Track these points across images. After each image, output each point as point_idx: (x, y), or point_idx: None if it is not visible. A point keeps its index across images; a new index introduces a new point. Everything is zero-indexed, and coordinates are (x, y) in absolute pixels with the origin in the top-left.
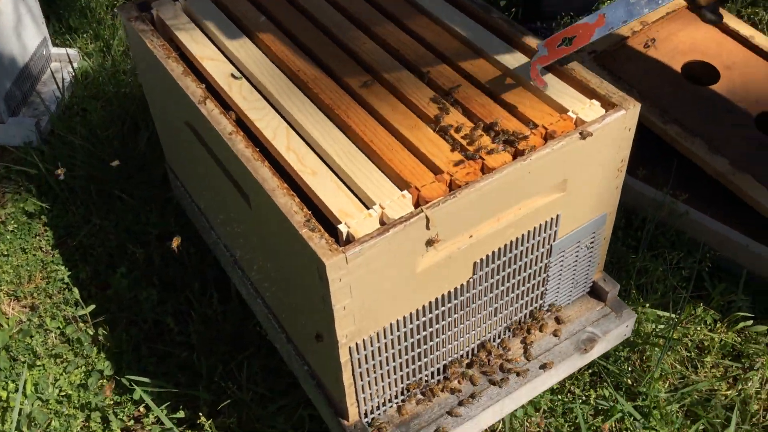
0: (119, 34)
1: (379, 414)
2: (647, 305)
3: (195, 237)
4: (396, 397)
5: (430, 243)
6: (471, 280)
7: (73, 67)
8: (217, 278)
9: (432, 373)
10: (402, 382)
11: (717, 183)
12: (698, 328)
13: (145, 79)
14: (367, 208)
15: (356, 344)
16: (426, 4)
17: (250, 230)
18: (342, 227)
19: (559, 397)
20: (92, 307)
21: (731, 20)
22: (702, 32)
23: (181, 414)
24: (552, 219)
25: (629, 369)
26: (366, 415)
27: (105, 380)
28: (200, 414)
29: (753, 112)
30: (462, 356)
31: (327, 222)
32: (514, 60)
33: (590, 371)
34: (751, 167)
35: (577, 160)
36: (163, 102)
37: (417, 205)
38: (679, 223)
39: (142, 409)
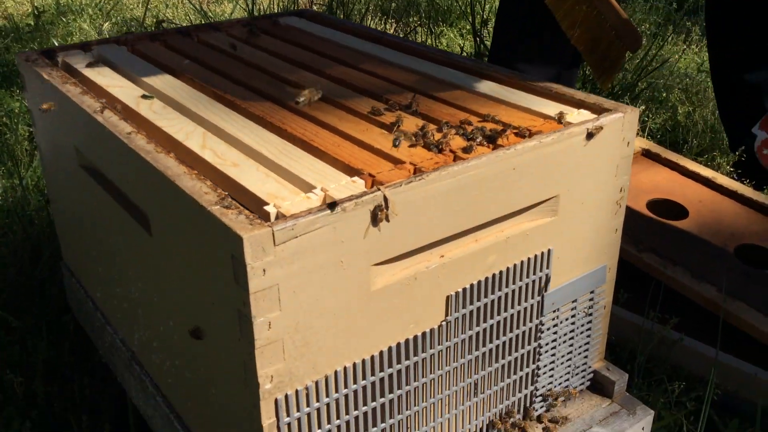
0: (34, 166)
1: None
2: None
3: (88, 370)
4: None
5: (377, 215)
6: (444, 323)
7: None
8: (112, 413)
9: None
10: None
11: (703, 311)
12: None
13: (41, 130)
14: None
15: (286, 397)
16: (378, 51)
17: (151, 274)
18: (269, 208)
19: None
20: None
21: (689, 164)
22: (663, 175)
23: None
24: (543, 254)
25: None
26: None
27: None
28: None
29: (731, 245)
30: None
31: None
32: (483, 85)
33: None
34: (740, 294)
35: (570, 171)
36: (58, 148)
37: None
38: (672, 354)
39: None
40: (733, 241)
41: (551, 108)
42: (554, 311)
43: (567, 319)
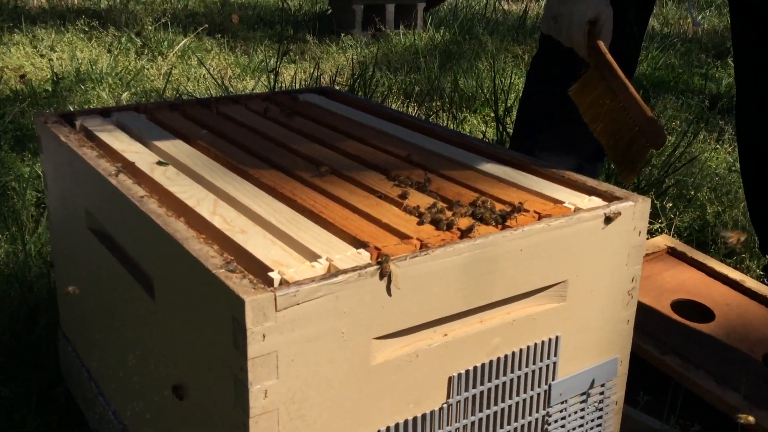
0: (39, 233)
1: None
2: None
3: None
4: None
5: (383, 272)
6: (446, 406)
7: None
8: None
9: None
10: None
11: (726, 418)
12: None
13: (52, 192)
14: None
15: None
16: (394, 131)
17: (150, 341)
18: (273, 274)
19: None
20: None
21: (717, 264)
22: (688, 275)
23: None
24: (550, 340)
25: None
26: None
27: None
28: None
29: (758, 351)
30: None
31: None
32: (496, 168)
33: None
34: (765, 403)
35: (580, 257)
36: (68, 210)
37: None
38: None
39: None
40: (761, 347)
41: (562, 193)
42: (562, 402)
43: (576, 413)
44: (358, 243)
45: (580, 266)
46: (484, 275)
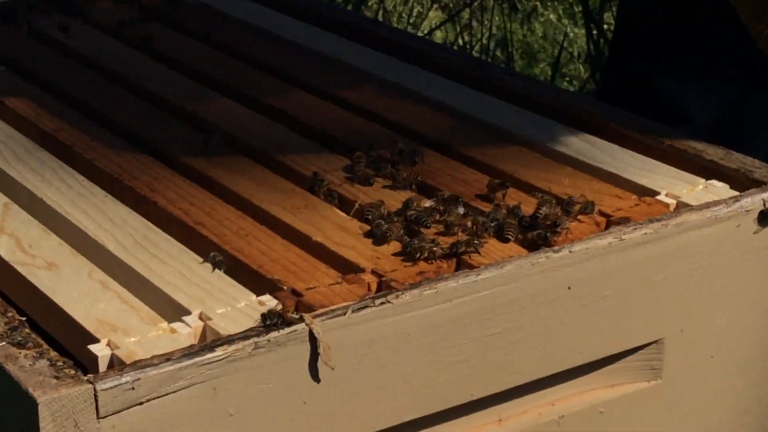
0: None
1: None
2: None
3: None
4: None
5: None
6: None
7: None
8: None
9: None
10: None
11: None
12: None
13: None
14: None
15: None
16: (359, 59)
17: None
18: (98, 348)
19: None
20: None
21: None
22: None
23: None
24: None
25: None
26: None
27: None
28: None
29: None
30: None
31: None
32: (540, 129)
33: None
34: None
35: (686, 297)
36: None
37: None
38: None
39: None
40: None
41: (656, 176)
42: None
43: None
44: (263, 282)
45: (686, 314)
46: (502, 337)
